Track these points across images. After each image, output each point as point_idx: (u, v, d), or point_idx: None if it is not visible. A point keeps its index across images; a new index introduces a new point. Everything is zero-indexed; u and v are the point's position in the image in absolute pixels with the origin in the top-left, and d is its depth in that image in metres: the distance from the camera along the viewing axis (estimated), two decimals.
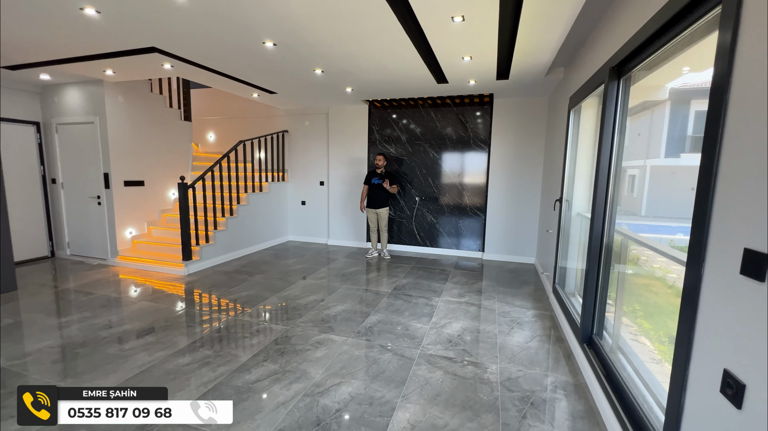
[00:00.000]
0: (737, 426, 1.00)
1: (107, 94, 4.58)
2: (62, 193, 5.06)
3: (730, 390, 1.01)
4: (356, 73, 4.01)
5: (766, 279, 0.92)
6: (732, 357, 1.03)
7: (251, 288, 4.00)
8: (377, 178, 5.22)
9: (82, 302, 3.54)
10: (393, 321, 3.17)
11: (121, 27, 2.84)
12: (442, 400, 2.08)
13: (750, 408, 0.95)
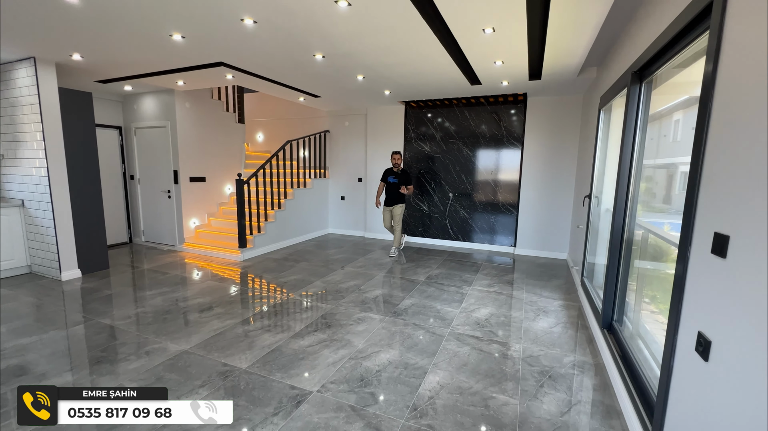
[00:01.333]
0: (705, 376, 1.23)
1: (177, 102, 5.26)
2: (139, 188, 5.85)
3: (701, 347, 1.25)
4: (394, 77, 4.34)
5: (727, 256, 1.15)
6: (704, 321, 1.26)
7: (298, 273, 4.48)
8: (393, 176, 5.27)
9: (161, 280, 4.17)
10: (426, 305, 3.49)
11: (197, 47, 3.36)
12: (468, 369, 2.38)
13: (714, 360, 1.19)
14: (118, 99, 5.69)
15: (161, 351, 2.55)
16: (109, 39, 3.17)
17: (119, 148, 5.79)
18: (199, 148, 5.65)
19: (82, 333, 2.85)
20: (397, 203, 5.33)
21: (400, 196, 5.30)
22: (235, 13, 2.58)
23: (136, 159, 5.78)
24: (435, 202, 6.19)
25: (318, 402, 2.02)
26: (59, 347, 2.63)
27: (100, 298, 3.59)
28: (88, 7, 2.52)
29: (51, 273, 4.15)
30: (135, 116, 5.67)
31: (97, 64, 3.97)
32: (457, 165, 5.95)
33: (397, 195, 5.28)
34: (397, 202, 5.33)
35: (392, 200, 5.34)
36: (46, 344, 2.66)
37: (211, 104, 5.85)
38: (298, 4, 2.44)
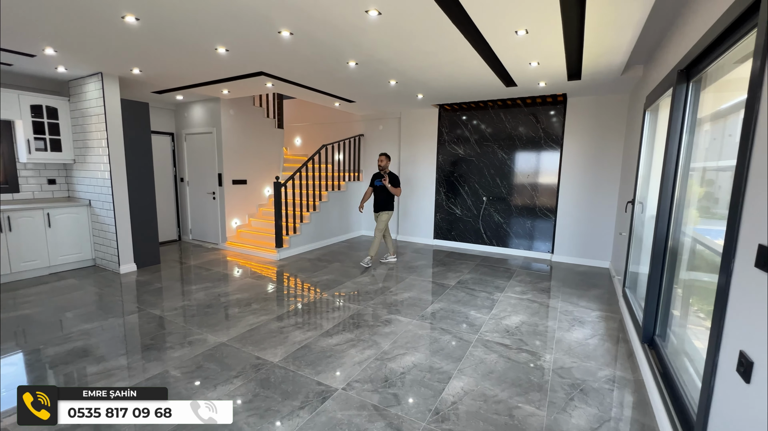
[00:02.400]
0: (746, 399, 1.14)
1: (222, 109, 5.61)
2: (187, 190, 6.30)
3: (742, 368, 1.16)
4: (427, 81, 4.36)
5: None
6: (746, 340, 1.17)
7: (330, 273, 4.61)
8: (379, 179, 4.85)
9: (204, 275, 4.47)
10: (454, 310, 3.46)
11: (239, 59, 3.58)
12: (494, 377, 2.34)
13: (756, 383, 1.10)
14: (170, 107, 6.18)
15: (202, 342, 2.75)
16: (163, 54, 3.47)
17: (171, 152, 6.28)
18: (242, 153, 5.99)
19: (135, 322, 3.13)
20: (383, 209, 4.90)
21: (387, 201, 4.87)
22: (273, 26, 2.74)
23: (185, 163, 6.24)
24: (468, 205, 6.10)
25: (342, 400, 2.08)
26: (116, 333, 2.92)
27: (152, 291, 3.92)
28: (146, 27, 2.79)
29: (111, 267, 4.59)
30: (185, 123, 6.13)
31: (153, 77, 4.35)
32: (491, 168, 5.83)
33: (384, 200, 4.87)
34: (383, 208, 4.89)
35: (378, 206, 4.92)
36: (105, 330, 2.95)
37: (253, 111, 6.19)
38: (331, 15, 2.54)
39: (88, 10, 2.50)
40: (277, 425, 1.87)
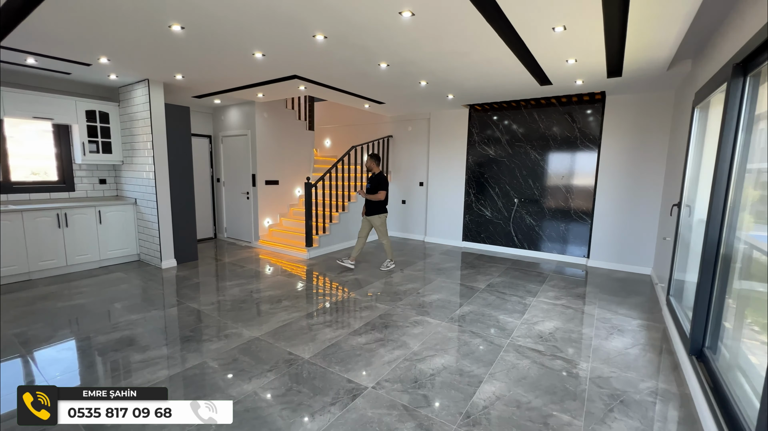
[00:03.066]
0: None
1: (257, 112, 5.82)
2: (223, 190, 6.57)
3: None
4: (458, 82, 4.31)
5: None
6: None
7: (359, 273, 4.65)
8: (368, 182, 4.74)
9: (239, 272, 4.64)
10: (485, 313, 3.40)
11: (274, 63, 3.70)
12: (528, 383, 2.28)
13: None
14: (208, 111, 6.47)
15: (237, 336, 2.85)
16: (204, 60, 3.65)
17: (209, 154, 6.57)
18: (274, 154, 6.18)
19: (175, 314, 3.30)
20: (372, 213, 4.70)
21: (374, 204, 4.69)
22: (308, 30, 2.81)
23: (222, 164, 6.51)
24: (499, 207, 5.97)
25: (372, 398, 2.09)
26: (159, 324, 3.08)
27: (190, 285, 4.11)
28: (190, 35, 2.94)
29: (154, 262, 4.86)
30: (222, 126, 6.40)
31: (194, 82, 4.58)
32: (523, 169, 5.68)
33: (372, 203, 4.69)
34: (372, 211, 4.70)
35: (367, 209, 4.73)
36: (149, 321, 3.13)
37: (286, 113, 6.36)
38: (364, 19, 2.57)
39: (139, 20, 2.67)
40: (310, 419, 1.91)
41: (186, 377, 2.29)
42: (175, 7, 2.45)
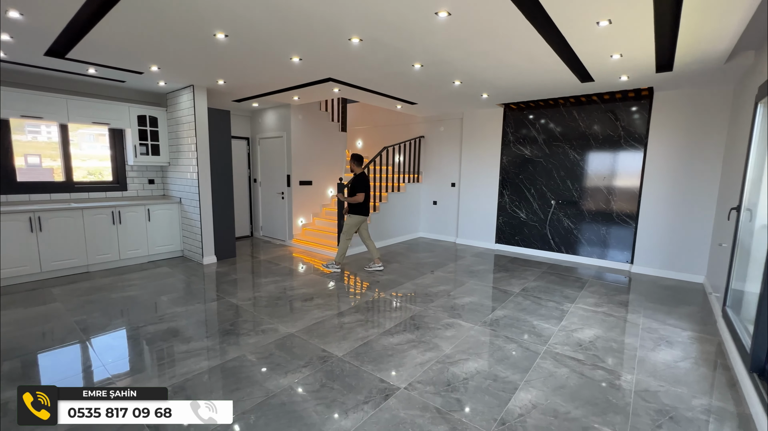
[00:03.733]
0: None
1: (292, 115, 5.99)
2: (260, 190, 6.82)
3: None
4: (493, 81, 4.22)
5: None
6: None
7: (390, 273, 4.66)
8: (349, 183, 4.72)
9: (273, 270, 4.80)
10: (520, 318, 3.30)
11: (310, 67, 3.79)
12: (566, 393, 2.19)
13: None
14: (247, 114, 6.74)
15: (273, 331, 2.95)
16: (245, 66, 3.81)
17: (246, 155, 6.85)
18: (308, 155, 6.33)
19: (216, 308, 3.47)
20: (351, 212, 4.65)
21: (351, 205, 4.62)
22: (344, 34, 2.86)
23: (258, 165, 6.76)
24: (534, 209, 5.78)
25: (405, 399, 2.09)
26: (200, 317, 3.25)
27: (229, 281, 4.30)
28: (233, 42, 3.08)
29: (196, 258, 5.13)
30: (259, 128, 6.64)
31: (235, 87, 4.79)
32: (561, 170, 5.46)
33: (351, 205, 4.63)
34: (349, 211, 4.67)
35: (349, 209, 4.69)
36: (191, 314, 3.31)
37: (319, 115, 6.51)
38: (400, 20, 2.58)
39: (187, 30, 2.84)
40: (344, 416, 1.94)
41: (225, 369, 2.40)
42: (220, 16, 2.57)
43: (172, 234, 5.26)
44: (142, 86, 4.83)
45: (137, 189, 5.37)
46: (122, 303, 3.54)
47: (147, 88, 4.91)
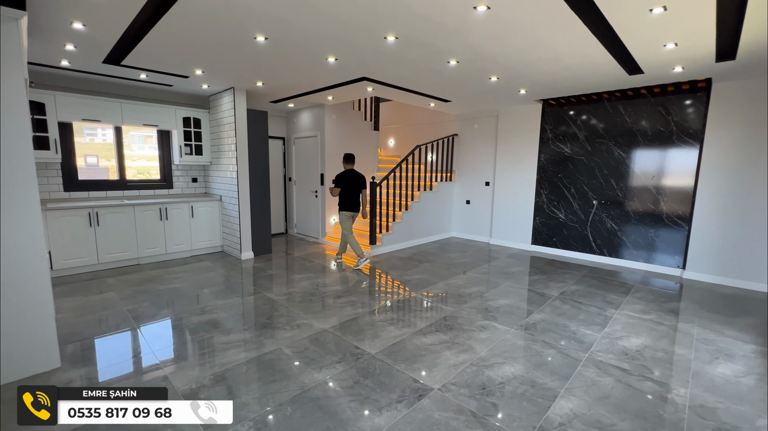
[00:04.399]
0: None
1: (326, 114, 6.09)
2: (294, 188, 6.99)
3: None
4: (532, 76, 4.07)
5: None
6: None
7: (422, 273, 4.63)
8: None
9: (307, 266, 4.91)
10: (558, 322, 3.16)
11: (345, 66, 3.83)
12: (611, 404, 2.07)
13: None
14: (282, 115, 6.94)
15: (307, 327, 3.02)
16: (283, 67, 3.91)
17: (282, 154, 7.05)
18: (341, 154, 6.40)
19: (253, 302, 3.59)
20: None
21: (338, 201, 4.88)
22: (380, 32, 2.86)
23: (293, 164, 6.94)
24: (574, 209, 5.52)
25: (439, 400, 2.07)
26: (239, 310, 3.38)
27: (266, 276, 4.45)
28: (272, 45, 3.17)
29: (234, 253, 5.35)
30: (294, 128, 6.82)
31: (272, 88, 4.94)
32: (605, 168, 5.17)
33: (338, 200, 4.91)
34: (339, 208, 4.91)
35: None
36: (230, 307, 3.45)
37: (352, 114, 6.57)
38: (437, 17, 2.54)
39: (229, 34, 2.95)
40: (377, 414, 1.95)
41: (263, 361, 2.48)
42: (261, 20, 2.66)
43: (213, 230, 5.51)
44: (187, 89, 5.09)
45: (182, 187, 5.68)
46: (168, 295, 3.75)
47: (192, 91, 5.17)
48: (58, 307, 3.27)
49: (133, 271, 4.54)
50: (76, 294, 3.72)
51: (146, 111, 4.93)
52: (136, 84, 4.76)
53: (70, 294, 3.69)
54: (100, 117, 4.59)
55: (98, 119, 4.58)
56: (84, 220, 4.33)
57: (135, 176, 5.36)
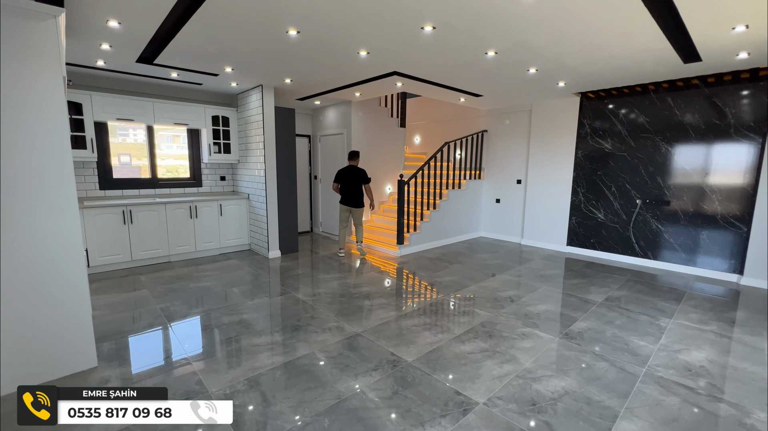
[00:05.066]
0: None
1: (353, 112, 5.99)
2: (320, 186, 6.94)
3: None
4: (575, 66, 3.81)
5: None
6: None
7: (453, 275, 4.46)
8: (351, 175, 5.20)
9: (335, 266, 4.83)
10: (607, 332, 2.93)
11: (376, 60, 3.70)
12: (681, 428, 1.85)
13: None
14: (308, 112, 6.89)
15: (339, 330, 2.92)
16: (312, 62, 3.82)
17: (308, 152, 7.01)
18: (367, 152, 6.30)
19: (282, 303, 3.53)
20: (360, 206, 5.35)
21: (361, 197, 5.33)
22: (417, 22, 2.71)
23: (319, 161, 6.88)
24: (615, 209, 5.19)
25: (485, 416, 1.91)
26: (268, 311, 3.33)
27: (293, 276, 4.40)
28: (304, 39, 3.08)
29: (262, 252, 5.34)
30: (320, 126, 6.76)
31: (300, 85, 4.87)
32: (650, 165, 4.83)
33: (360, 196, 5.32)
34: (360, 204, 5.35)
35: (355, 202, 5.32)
36: (260, 307, 3.40)
37: (379, 111, 6.44)
38: (478, 4, 2.37)
39: (260, 28, 2.87)
40: (419, 429, 1.81)
41: (296, 366, 2.39)
42: (293, 12, 2.56)
43: (241, 228, 5.52)
44: (217, 88, 5.10)
45: (210, 185, 5.72)
46: (199, 293, 3.75)
47: (221, 89, 5.18)
48: (93, 304, 3.30)
49: (164, 268, 4.59)
50: (111, 291, 3.77)
51: (177, 110, 4.97)
52: (168, 83, 4.81)
53: (106, 291, 3.75)
54: (134, 116, 4.65)
55: (132, 118, 4.65)
56: (118, 218, 4.41)
57: (165, 174, 5.44)
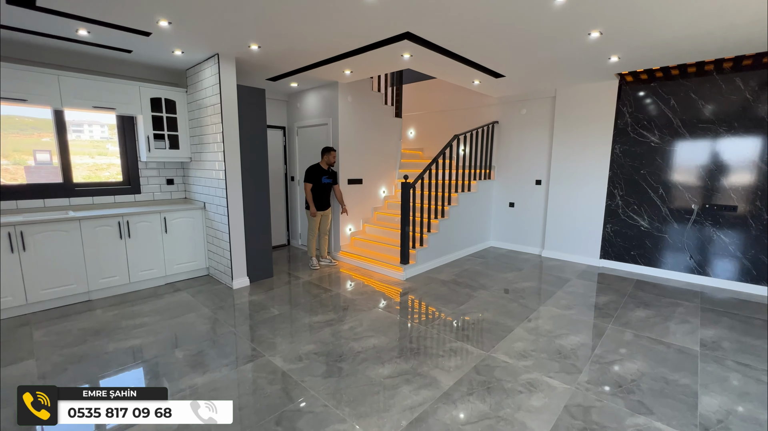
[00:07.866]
0: None
1: (340, 96, 4.76)
2: (297, 189, 5.65)
3: None
4: (649, 29, 2.81)
5: None
6: None
7: (482, 308, 3.37)
8: (326, 176, 4.52)
9: (323, 300, 3.62)
10: (745, 412, 1.92)
11: (385, 12, 2.53)
12: None
13: None
14: (283, 99, 5.58)
15: None
16: (290, 15, 2.59)
17: (282, 148, 5.70)
18: (358, 146, 5.10)
19: (251, 379, 2.30)
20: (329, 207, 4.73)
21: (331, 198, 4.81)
22: None
23: (297, 159, 5.59)
24: (662, 215, 4.30)
25: None
26: (231, 397, 2.08)
27: (267, 320, 3.15)
28: None
29: (224, 280, 4.02)
30: (298, 115, 5.47)
31: (272, 55, 3.61)
32: (711, 162, 3.95)
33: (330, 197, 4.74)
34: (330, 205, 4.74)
35: (326, 203, 4.67)
36: (217, 390, 2.15)
37: (371, 97, 5.25)
38: None
39: None
40: None
41: None
42: None
43: (195, 248, 4.18)
44: (155, 58, 3.73)
45: (153, 191, 4.32)
46: (119, 362, 2.44)
47: (161, 60, 3.81)
48: None
49: (78, 313, 3.21)
50: None
51: (97, 88, 3.56)
52: (80, 49, 3.40)
53: None
54: (26, 95, 3.21)
55: (23, 98, 3.21)
56: (2, 244, 2.98)
57: (88, 177, 4.00)
